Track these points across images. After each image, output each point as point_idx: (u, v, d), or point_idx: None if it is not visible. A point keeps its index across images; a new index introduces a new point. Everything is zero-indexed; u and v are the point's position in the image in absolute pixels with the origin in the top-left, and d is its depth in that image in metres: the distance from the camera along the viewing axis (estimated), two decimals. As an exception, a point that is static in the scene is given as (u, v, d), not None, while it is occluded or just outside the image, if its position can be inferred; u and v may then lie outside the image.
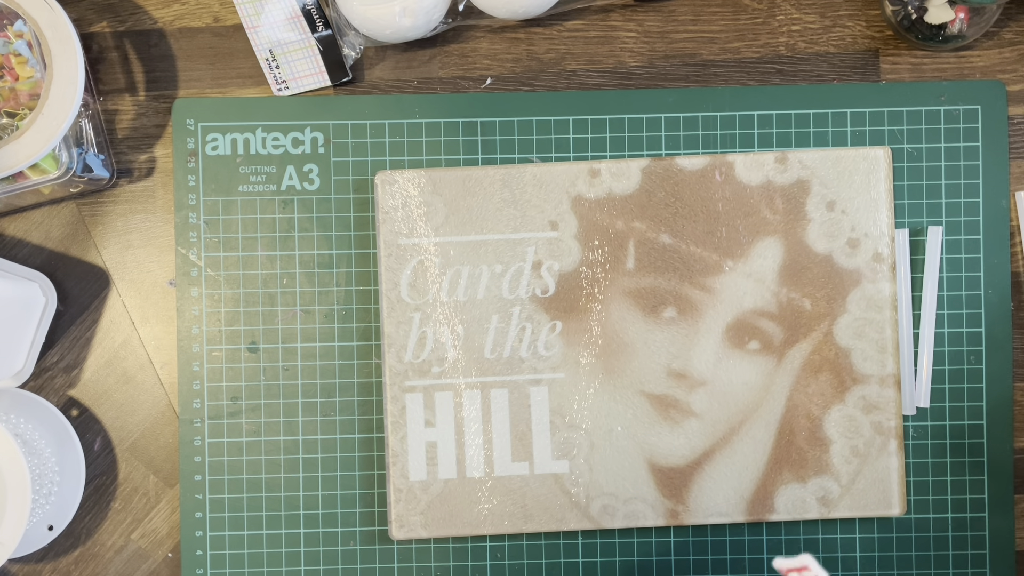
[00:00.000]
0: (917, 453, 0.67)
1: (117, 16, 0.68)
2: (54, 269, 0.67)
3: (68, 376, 0.67)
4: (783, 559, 0.48)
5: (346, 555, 0.66)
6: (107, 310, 0.67)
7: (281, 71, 0.66)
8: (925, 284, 0.66)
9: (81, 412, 0.67)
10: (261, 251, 0.67)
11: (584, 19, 0.68)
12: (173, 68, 0.68)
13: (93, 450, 0.66)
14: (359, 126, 0.67)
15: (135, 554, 0.67)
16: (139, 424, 0.67)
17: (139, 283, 0.67)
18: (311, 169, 0.67)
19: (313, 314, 0.66)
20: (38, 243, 0.67)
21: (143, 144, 0.67)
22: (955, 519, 0.67)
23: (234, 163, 0.67)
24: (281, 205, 0.67)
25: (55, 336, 0.67)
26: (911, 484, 0.67)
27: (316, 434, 0.66)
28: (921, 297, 0.66)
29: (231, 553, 0.66)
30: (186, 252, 0.66)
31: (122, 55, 0.67)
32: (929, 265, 0.66)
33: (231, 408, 0.66)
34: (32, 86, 0.60)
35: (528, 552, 0.66)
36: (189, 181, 0.66)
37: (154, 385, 0.67)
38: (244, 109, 0.67)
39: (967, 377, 0.67)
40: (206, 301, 0.66)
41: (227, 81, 0.68)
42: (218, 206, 0.67)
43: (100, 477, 0.67)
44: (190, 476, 0.66)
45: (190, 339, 0.66)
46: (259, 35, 0.65)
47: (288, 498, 0.66)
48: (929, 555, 0.67)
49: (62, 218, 0.67)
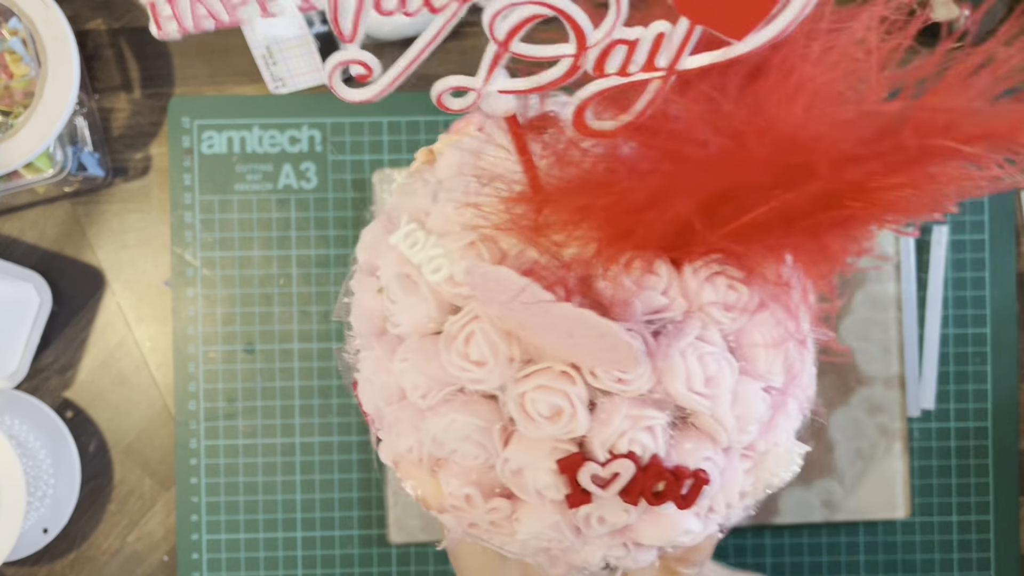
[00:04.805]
0: (922, 455, 0.66)
1: (112, 13, 0.67)
2: (49, 269, 0.66)
3: (63, 377, 0.66)
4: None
5: (344, 559, 0.65)
6: (102, 310, 0.66)
7: (278, 68, 0.66)
8: (930, 284, 0.66)
9: (76, 414, 0.66)
10: (258, 251, 0.66)
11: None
12: (169, 66, 0.67)
13: (88, 452, 0.66)
14: (357, 124, 0.66)
15: (131, 557, 0.66)
16: (134, 426, 0.66)
17: (134, 283, 0.66)
18: (308, 168, 0.66)
19: (310, 315, 0.66)
20: (32, 243, 0.66)
21: (138, 142, 0.67)
22: (960, 522, 0.66)
23: (230, 162, 0.66)
24: (278, 204, 0.66)
25: (50, 337, 0.66)
26: (916, 486, 0.66)
27: (313, 436, 0.66)
28: (926, 297, 0.66)
29: (228, 556, 0.65)
30: (182, 252, 0.66)
31: (117, 52, 0.67)
32: (934, 265, 0.66)
33: (227, 410, 0.65)
34: (26, 84, 0.59)
35: (528, 555, 0.66)
36: (185, 180, 0.66)
37: (150, 386, 0.66)
38: (240, 107, 0.66)
39: (972, 378, 0.66)
40: (202, 302, 0.66)
41: (223, 79, 0.67)
42: (214, 205, 0.66)
43: (95, 479, 0.66)
44: (186, 478, 0.65)
45: (186, 340, 0.65)
46: (256, 32, 0.65)
47: (285, 501, 0.65)
48: (934, 558, 0.66)
49: (57, 217, 0.66)
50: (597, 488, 0.35)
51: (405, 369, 0.37)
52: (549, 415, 0.35)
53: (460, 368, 0.36)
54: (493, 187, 0.36)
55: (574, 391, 0.35)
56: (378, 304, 0.40)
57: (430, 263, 0.37)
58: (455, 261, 0.36)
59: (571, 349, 0.34)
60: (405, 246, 0.38)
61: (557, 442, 0.36)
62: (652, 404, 0.36)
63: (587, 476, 0.35)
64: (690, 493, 0.36)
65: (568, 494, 0.36)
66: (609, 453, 0.35)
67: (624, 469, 0.35)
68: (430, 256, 0.37)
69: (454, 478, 0.38)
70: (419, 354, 0.37)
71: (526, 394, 0.35)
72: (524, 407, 0.35)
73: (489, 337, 0.35)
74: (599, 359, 0.34)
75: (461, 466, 0.38)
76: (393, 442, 0.40)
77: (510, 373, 0.35)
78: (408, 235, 0.38)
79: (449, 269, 0.36)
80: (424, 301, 0.37)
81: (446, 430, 0.37)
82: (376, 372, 0.39)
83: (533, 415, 0.35)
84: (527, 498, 0.37)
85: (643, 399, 0.36)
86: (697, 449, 0.36)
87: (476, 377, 0.36)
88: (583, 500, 0.36)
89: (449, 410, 0.37)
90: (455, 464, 0.38)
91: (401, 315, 0.38)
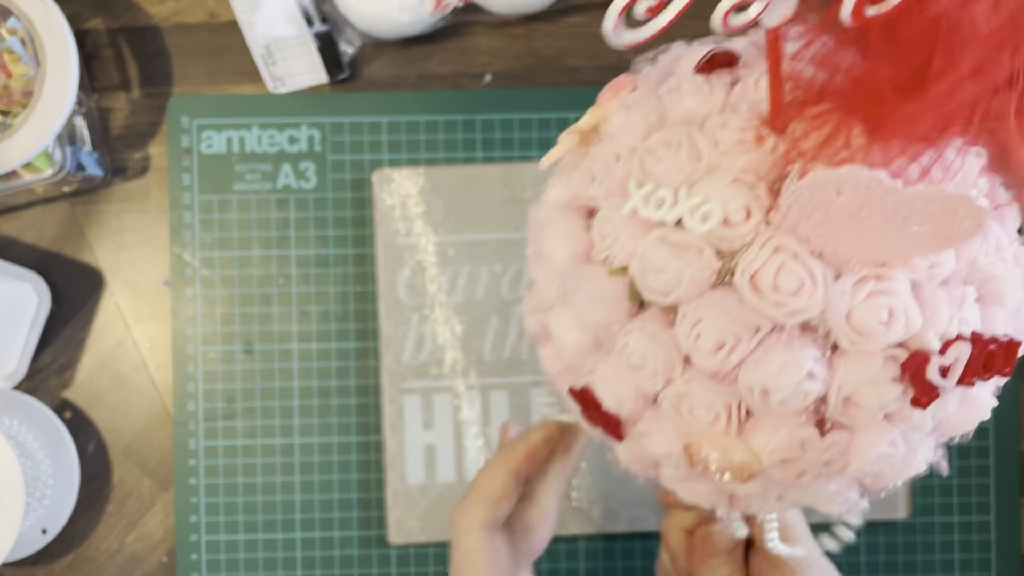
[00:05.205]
0: (923, 456, 0.66)
1: (112, 12, 0.67)
2: (47, 269, 0.66)
3: (61, 377, 0.66)
4: None
5: (343, 560, 0.65)
6: (101, 311, 0.66)
7: (277, 68, 0.65)
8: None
9: (75, 414, 0.66)
10: (257, 251, 0.66)
11: (585, 15, 0.67)
12: (168, 65, 0.67)
13: (87, 452, 0.66)
14: (356, 124, 0.66)
15: (130, 558, 0.66)
16: (133, 426, 0.66)
17: (133, 283, 0.66)
18: (307, 167, 0.66)
19: (310, 315, 0.66)
20: (31, 242, 0.66)
21: (137, 142, 0.67)
22: (961, 522, 0.66)
23: (229, 161, 0.66)
24: (277, 204, 0.66)
25: (48, 337, 0.66)
26: (916, 487, 0.66)
27: (313, 437, 0.65)
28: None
29: (227, 557, 0.65)
30: (181, 252, 0.66)
31: (116, 52, 0.67)
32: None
33: (226, 410, 0.65)
34: (25, 83, 0.59)
35: (528, 556, 0.66)
36: (184, 180, 0.66)
37: (148, 387, 0.66)
38: (240, 106, 0.66)
39: (973, 379, 0.66)
40: (201, 302, 0.65)
41: (223, 78, 0.67)
42: (213, 205, 0.66)
43: (94, 480, 0.66)
44: (185, 479, 0.65)
45: (185, 340, 0.65)
46: (255, 31, 0.64)
47: (284, 502, 0.65)
48: (934, 559, 0.66)
49: (56, 217, 0.66)
50: (942, 380, 0.34)
51: (702, 330, 0.35)
52: (885, 321, 0.33)
53: (776, 304, 0.34)
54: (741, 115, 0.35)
55: (901, 288, 0.33)
56: (618, 286, 0.37)
57: (694, 214, 0.34)
58: (728, 201, 0.34)
59: (897, 242, 0.33)
60: (650, 211, 0.36)
61: (889, 349, 0.34)
62: (962, 281, 0.35)
63: (935, 369, 0.34)
64: (1010, 358, 0.36)
65: (914, 396, 0.35)
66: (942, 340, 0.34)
67: (961, 351, 0.34)
68: (691, 207, 0.35)
69: (776, 430, 0.36)
70: (716, 309, 0.35)
71: (855, 308, 0.33)
72: (855, 322, 0.34)
73: (803, 261, 0.33)
74: (933, 241, 0.33)
75: (784, 414, 0.35)
76: (681, 422, 0.37)
77: (834, 293, 0.34)
78: (648, 199, 0.36)
79: (721, 212, 0.34)
80: (700, 255, 0.35)
81: (778, 375, 0.34)
82: (652, 351, 0.36)
83: (867, 327, 0.33)
84: (864, 422, 0.36)
85: (952, 278, 0.35)
86: (997, 316, 0.36)
87: (796, 308, 0.34)
88: (932, 397, 0.35)
89: (773, 354, 0.34)
90: (774, 416, 0.36)
91: (673, 280, 0.35)
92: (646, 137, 0.37)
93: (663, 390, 0.37)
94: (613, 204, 0.37)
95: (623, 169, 0.37)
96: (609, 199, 0.38)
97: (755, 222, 0.34)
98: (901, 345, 0.34)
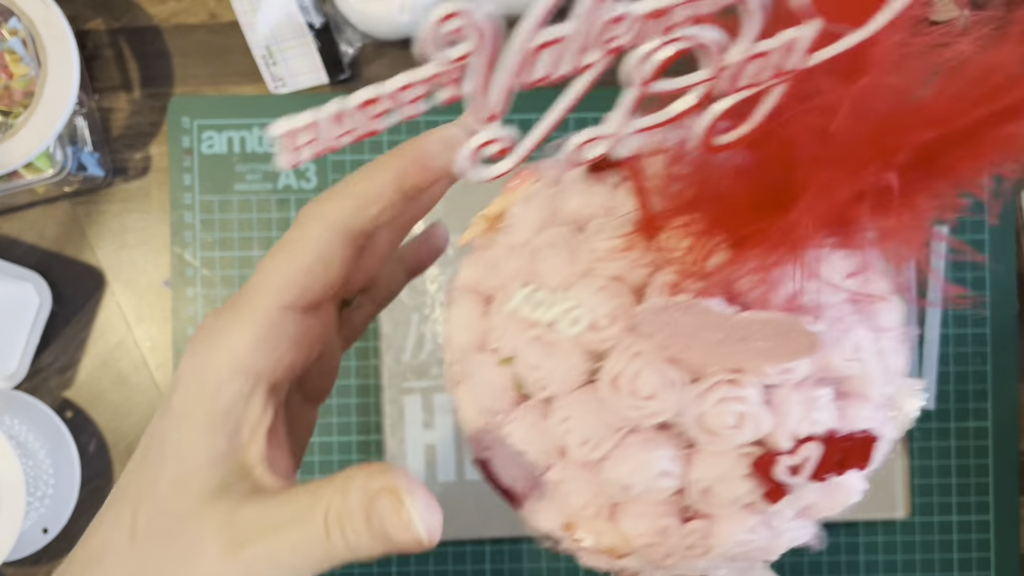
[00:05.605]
0: (922, 455, 0.66)
1: (112, 13, 0.67)
2: (48, 269, 0.66)
3: (62, 377, 0.66)
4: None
5: (344, 558, 0.65)
6: (102, 310, 0.66)
7: (278, 68, 0.66)
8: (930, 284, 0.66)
9: (76, 414, 0.66)
10: (257, 251, 0.66)
11: (585, 16, 0.67)
12: (169, 65, 0.67)
13: (88, 452, 0.66)
14: (357, 124, 0.66)
15: (130, 557, 0.66)
16: (134, 426, 0.66)
17: (134, 283, 0.66)
18: (308, 168, 0.66)
19: (310, 315, 0.66)
20: (32, 243, 0.66)
21: (138, 142, 0.67)
22: (960, 522, 0.66)
23: (230, 161, 0.66)
24: (278, 204, 0.66)
25: (49, 337, 0.66)
26: (916, 486, 0.66)
27: (312, 436, 0.65)
28: (926, 297, 0.66)
29: (227, 556, 0.65)
30: (181, 252, 0.66)
31: (117, 52, 0.67)
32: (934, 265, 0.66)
33: (227, 410, 0.65)
34: (26, 84, 0.59)
35: (528, 556, 0.66)
36: (185, 180, 0.66)
37: (149, 387, 0.66)
38: (240, 107, 0.66)
39: (972, 379, 0.66)
40: (202, 302, 0.66)
41: (223, 78, 0.67)
42: (214, 205, 0.66)
43: (95, 479, 0.66)
44: (186, 478, 0.65)
45: (186, 340, 0.65)
46: (256, 32, 0.64)
47: (285, 501, 0.65)
48: (934, 558, 0.66)
49: (57, 217, 0.66)
50: (791, 478, 0.36)
51: (570, 427, 0.37)
52: (735, 424, 0.35)
53: (633, 407, 0.36)
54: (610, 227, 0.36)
55: (751, 394, 0.35)
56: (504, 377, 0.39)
57: (566, 317, 0.37)
58: (595, 307, 0.36)
59: (743, 355, 0.35)
60: (528, 310, 0.38)
61: (741, 448, 0.36)
62: (815, 383, 0.37)
63: (783, 469, 0.36)
64: (866, 454, 0.38)
65: (765, 491, 0.37)
66: (793, 441, 0.36)
67: (811, 451, 0.36)
68: (563, 310, 0.37)
69: (641, 517, 0.38)
70: (581, 407, 0.37)
71: (706, 412, 0.35)
72: (706, 424, 0.36)
73: (658, 368, 0.35)
74: (774, 356, 0.35)
75: (647, 503, 0.38)
76: (560, 504, 0.39)
77: (686, 397, 0.36)
78: (528, 299, 0.38)
79: (589, 317, 0.36)
80: (569, 356, 0.37)
81: (634, 472, 0.37)
82: (532, 439, 0.39)
83: (718, 430, 0.35)
84: (721, 511, 0.38)
85: (806, 381, 0.36)
86: (858, 412, 0.38)
87: (652, 411, 0.36)
88: (781, 493, 0.37)
89: (630, 452, 0.37)
90: (639, 504, 0.38)
91: (547, 377, 0.37)
92: (540, 231, 0.39)
93: (543, 475, 0.39)
94: (504, 297, 0.39)
95: (515, 264, 0.39)
96: (502, 291, 0.39)
97: (619, 328, 0.36)
98: (758, 443, 0.36)
